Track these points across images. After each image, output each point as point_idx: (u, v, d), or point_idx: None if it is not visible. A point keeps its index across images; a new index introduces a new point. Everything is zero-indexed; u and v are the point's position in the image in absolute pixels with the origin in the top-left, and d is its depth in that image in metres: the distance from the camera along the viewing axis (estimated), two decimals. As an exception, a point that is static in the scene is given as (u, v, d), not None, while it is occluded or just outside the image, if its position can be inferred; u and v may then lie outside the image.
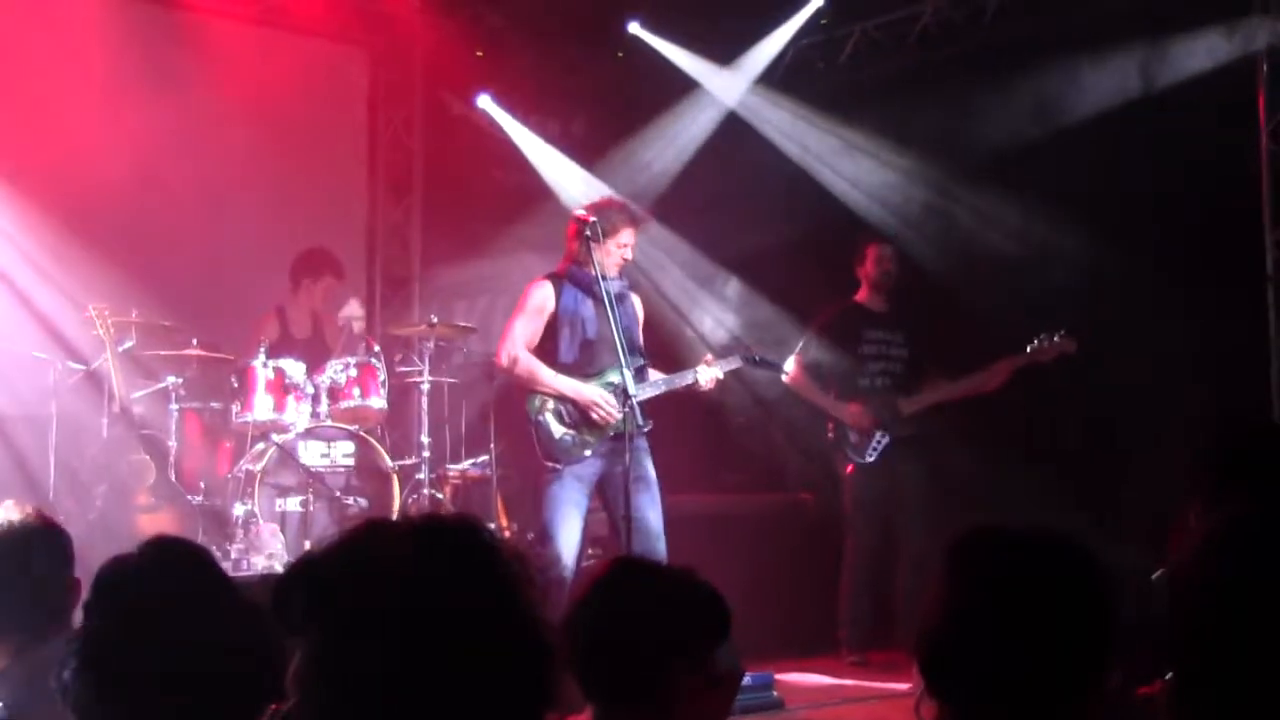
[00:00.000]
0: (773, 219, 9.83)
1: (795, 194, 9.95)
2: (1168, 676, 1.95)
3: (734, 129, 10.12)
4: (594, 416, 6.87)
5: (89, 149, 8.43)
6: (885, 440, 8.20)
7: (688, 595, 2.90)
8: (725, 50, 10.07)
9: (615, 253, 7.03)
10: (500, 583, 1.84)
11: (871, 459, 8.20)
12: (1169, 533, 2.02)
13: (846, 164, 9.84)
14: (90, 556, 3.30)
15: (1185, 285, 8.17)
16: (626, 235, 7.06)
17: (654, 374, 7.17)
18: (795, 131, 10.00)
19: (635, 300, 7.35)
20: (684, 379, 7.12)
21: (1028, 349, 8.07)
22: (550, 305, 7.03)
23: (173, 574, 2.74)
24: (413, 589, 1.77)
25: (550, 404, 6.95)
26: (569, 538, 6.81)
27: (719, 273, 10.11)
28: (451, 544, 1.84)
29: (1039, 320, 8.20)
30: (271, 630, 2.77)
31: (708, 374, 7.10)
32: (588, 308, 6.97)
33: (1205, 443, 2.95)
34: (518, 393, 7.13)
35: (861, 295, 8.50)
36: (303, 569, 1.84)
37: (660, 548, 6.88)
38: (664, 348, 8.67)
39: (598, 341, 6.95)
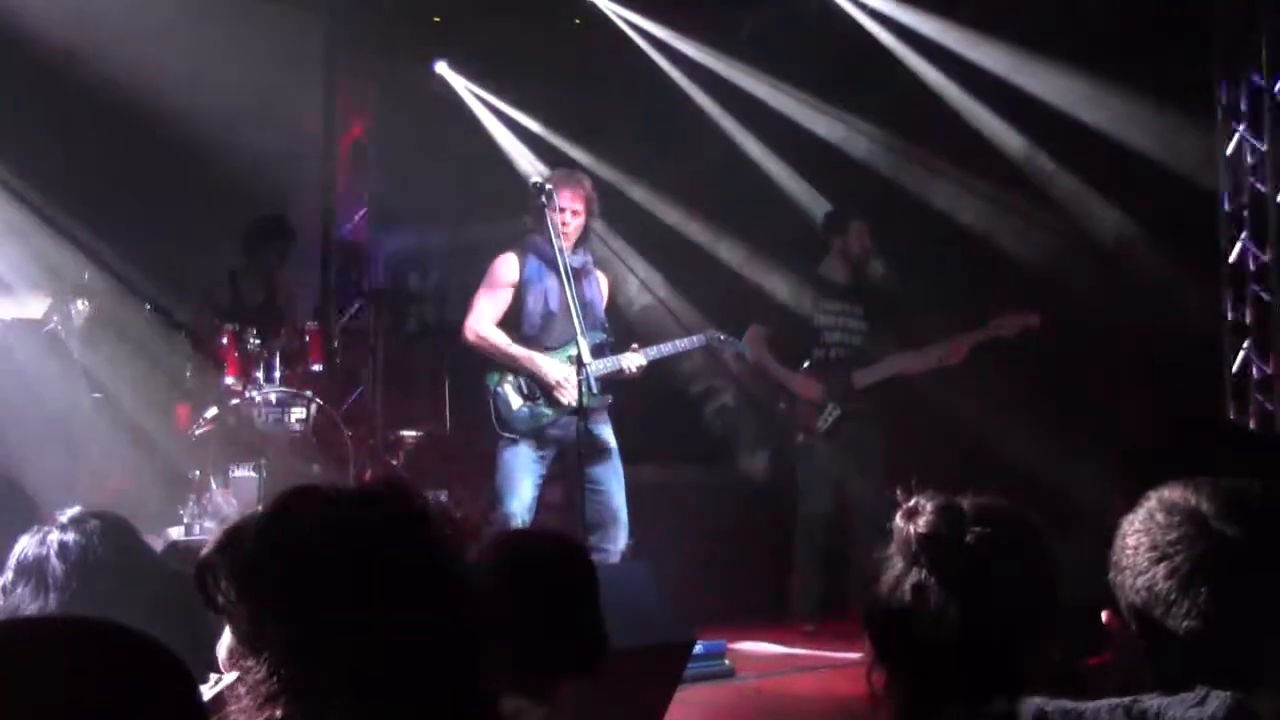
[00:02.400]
0: (720, 191, 9.85)
1: (748, 165, 9.95)
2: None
3: (690, 98, 10.09)
4: (559, 396, 6.89)
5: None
6: (837, 412, 8.22)
7: (551, 567, 3.03)
8: (686, 18, 10.03)
9: (559, 218, 6.96)
10: (430, 553, 1.84)
11: (823, 430, 8.22)
12: (1116, 510, 2.07)
13: (807, 130, 9.83)
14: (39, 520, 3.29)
15: (1141, 269, 8.30)
16: (564, 199, 7.01)
17: (614, 352, 7.17)
18: (756, 100, 9.98)
19: (600, 276, 7.35)
20: (629, 360, 7.06)
21: (990, 322, 8.09)
22: (514, 277, 7.07)
23: (93, 546, 2.73)
24: (339, 566, 1.78)
25: (510, 376, 6.97)
26: (519, 505, 6.85)
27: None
28: (378, 516, 1.84)
29: (1002, 293, 8.25)
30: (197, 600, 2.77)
31: (632, 360, 7.06)
32: (551, 279, 6.99)
33: (1136, 437, 3.05)
34: (474, 360, 7.13)
35: (824, 266, 8.48)
36: (223, 551, 1.83)
37: (622, 517, 6.93)
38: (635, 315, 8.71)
39: (560, 313, 6.96)
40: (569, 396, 6.86)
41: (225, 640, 2.30)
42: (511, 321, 7.04)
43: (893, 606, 2.15)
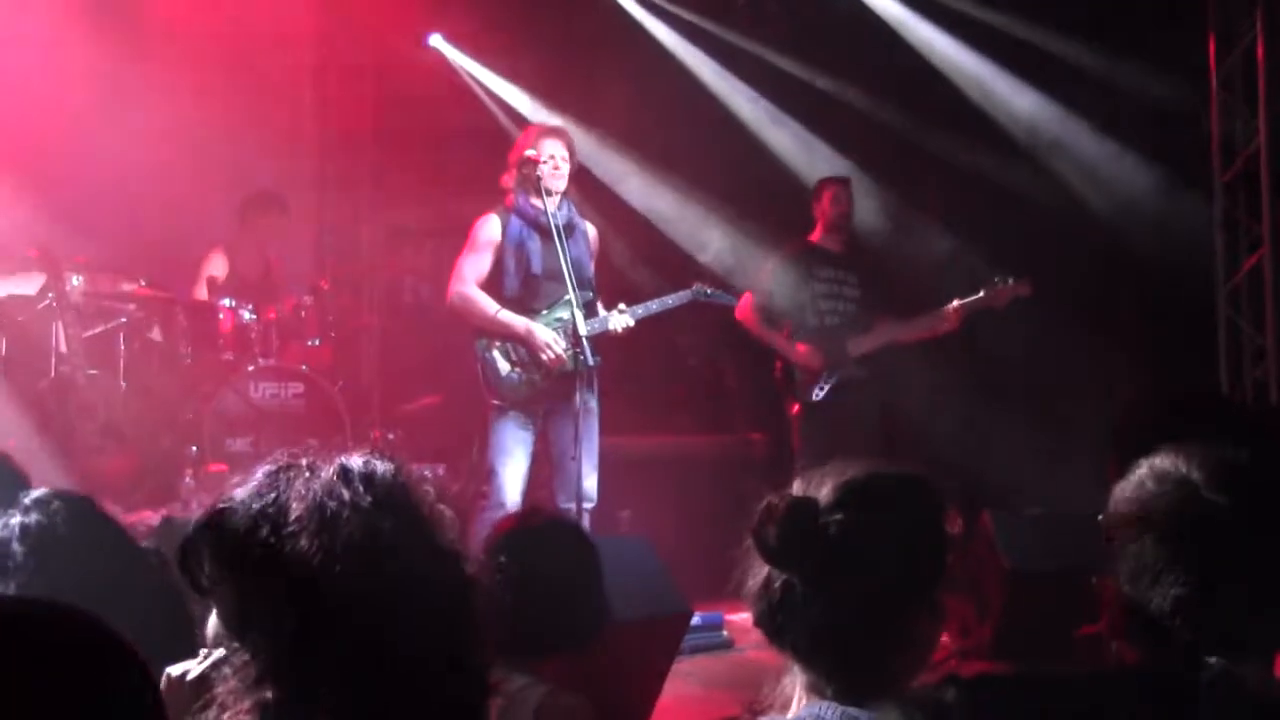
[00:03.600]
0: (714, 163, 9.83)
1: (741, 134, 9.94)
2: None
3: (685, 67, 10.07)
4: (544, 358, 6.83)
5: (33, 89, 8.32)
6: (833, 381, 8.22)
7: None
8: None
9: (545, 168, 6.88)
10: (420, 529, 1.85)
11: (818, 399, 8.21)
12: (1109, 480, 2.07)
13: (800, 104, 9.82)
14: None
15: (1135, 232, 8.32)
16: (546, 146, 6.95)
17: (602, 310, 7.12)
18: (747, 72, 9.96)
19: (588, 229, 7.21)
20: (618, 320, 7.02)
21: (981, 291, 8.08)
22: (496, 238, 6.95)
23: (56, 527, 2.74)
24: (326, 543, 1.78)
25: (498, 341, 6.89)
26: (514, 474, 6.79)
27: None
28: (368, 493, 1.85)
29: (996, 263, 8.26)
30: (170, 577, 2.78)
31: (619, 321, 7.03)
32: (534, 241, 6.88)
33: (1126, 408, 3.07)
34: (466, 330, 7.08)
35: (816, 235, 8.47)
36: (206, 531, 1.84)
37: (591, 478, 6.88)
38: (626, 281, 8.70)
39: (543, 276, 6.86)
40: (555, 361, 6.82)
41: (213, 621, 2.31)
42: (494, 284, 6.92)
43: (763, 608, 2.11)
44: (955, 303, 8.13)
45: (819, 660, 2.07)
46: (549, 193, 6.83)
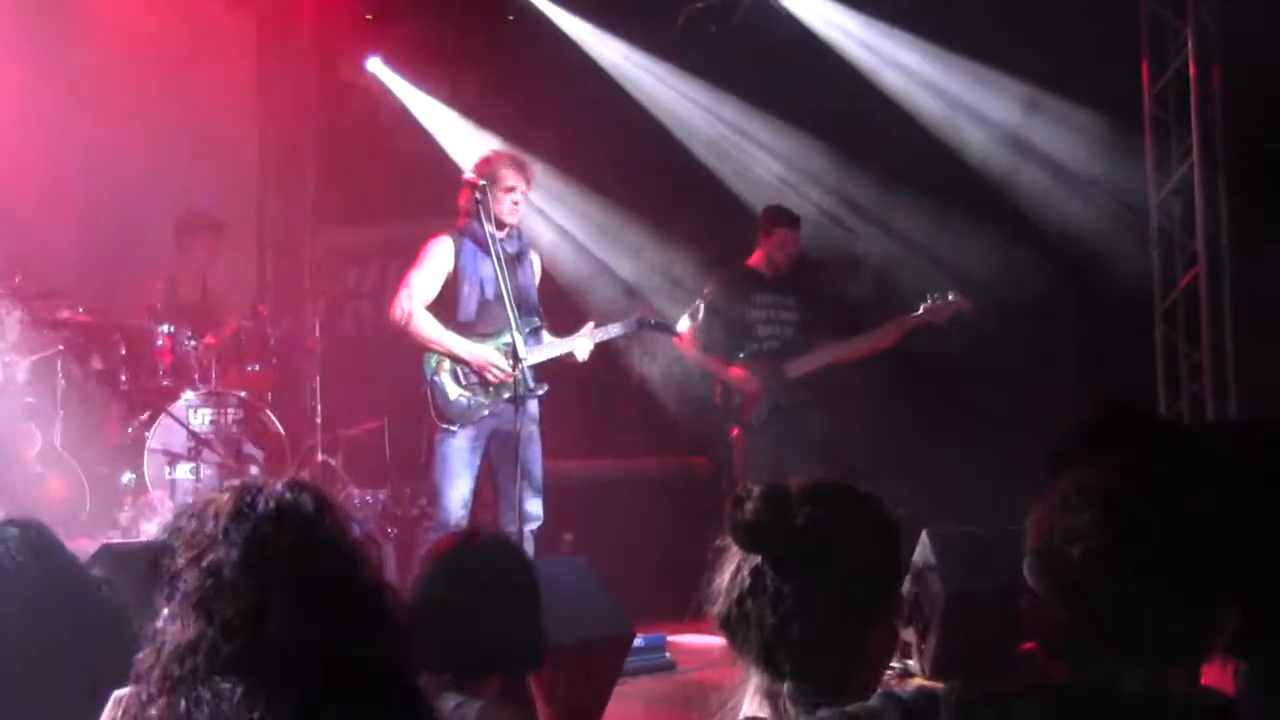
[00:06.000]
0: (653, 187, 9.87)
1: (681, 157, 9.97)
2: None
3: (624, 93, 10.09)
4: (488, 377, 6.83)
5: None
6: (771, 405, 8.24)
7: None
8: (618, 15, 10.03)
9: (504, 199, 6.88)
10: (342, 559, 1.89)
11: (757, 423, 8.23)
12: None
13: (739, 129, 9.87)
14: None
15: (1072, 249, 8.42)
16: (510, 179, 6.92)
17: (547, 336, 7.13)
18: (687, 100, 10.00)
19: (534, 259, 7.25)
20: (568, 345, 7.07)
21: (920, 308, 8.12)
22: (449, 262, 6.94)
23: (11, 555, 2.74)
24: (247, 574, 1.82)
25: (446, 364, 6.88)
26: (458, 498, 6.80)
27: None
28: (289, 526, 1.87)
29: (934, 281, 8.32)
30: (116, 603, 2.79)
31: (584, 346, 7.07)
32: (487, 266, 6.81)
33: (1065, 427, 3.11)
34: (412, 353, 7.05)
35: (755, 259, 8.49)
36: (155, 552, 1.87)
37: (538, 506, 6.88)
38: (568, 305, 8.72)
39: (496, 301, 6.83)
40: (500, 377, 6.82)
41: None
42: (446, 308, 6.92)
43: (731, 598, 2.15)
44: (895, 319, 8.18)
45: (779, 657, 2.09)
46: (502, 225, 6.84)
